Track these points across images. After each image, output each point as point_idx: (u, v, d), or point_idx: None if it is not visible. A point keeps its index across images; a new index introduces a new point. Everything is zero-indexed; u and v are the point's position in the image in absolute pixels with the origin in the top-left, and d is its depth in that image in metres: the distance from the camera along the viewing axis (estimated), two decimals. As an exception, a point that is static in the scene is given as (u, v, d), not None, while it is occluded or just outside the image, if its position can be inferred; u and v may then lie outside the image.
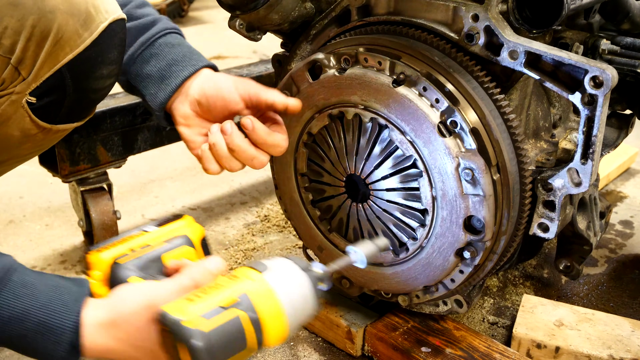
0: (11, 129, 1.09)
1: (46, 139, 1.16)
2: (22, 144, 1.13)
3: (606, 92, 1.00)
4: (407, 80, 1.10)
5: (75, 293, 0.91)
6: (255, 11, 1.22)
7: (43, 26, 1.01)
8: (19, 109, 1.07)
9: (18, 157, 1.20)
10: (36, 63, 1.03)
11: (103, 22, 1.07)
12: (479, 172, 1.07)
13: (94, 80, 1.12)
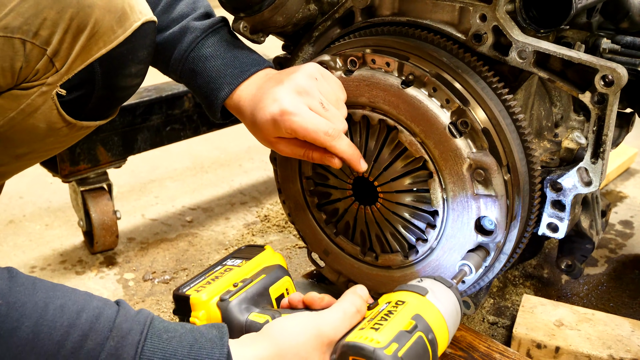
0: (38, 121, 1.10)
1: (69, 135, 1.17)
2: (46, 137, 1.14)
3: (617, 91, 1.00)
4: (416, 81, 1.10)
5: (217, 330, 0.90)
6: (259, 13, 1.22)
7: (81, 19, 1.02)
8: (48, 100, 1.08)
9: (39, 152, 1.20)
10: (70, 56, 1.05)
11: (137, 22, 1.08)
12: (491, 173, 1.07)
13: (123, 77, 1.13)
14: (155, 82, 2.01)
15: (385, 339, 0.85)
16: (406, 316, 0.90)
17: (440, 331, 0.92)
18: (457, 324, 0.97)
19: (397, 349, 0.84)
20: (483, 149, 1.07)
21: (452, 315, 0.95)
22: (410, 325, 0.89)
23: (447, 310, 0.95)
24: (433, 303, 0.94)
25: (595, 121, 1.04)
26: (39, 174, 2.24)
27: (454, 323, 0.96)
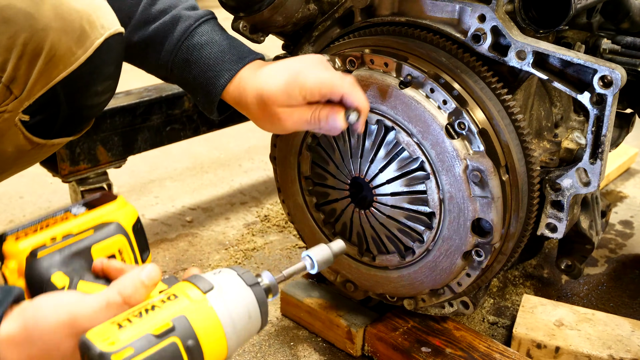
0: (5, 145, 1.06)
1: (41, 152, 1.13)
2: (17, 159, 1.11)
3: (615, 91, 1.00)
4: (414, 82, 1.10)
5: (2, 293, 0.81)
6: (259, 13, 1.22)
7: (35, 44, 0.97)
8: (12, 127, 1.04)
9: (11, 170, 1.17)
10: (28, 81, 1.00)
11: (98, 39, 1.03)
12: (488, 174, 1.07)
13: (89, 97, 1.09)
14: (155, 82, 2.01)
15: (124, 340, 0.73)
16: (167, 315, 0.76)
17: (210, 338, 0.77)
18: (254, 330, 0.83)
19: (132, 355, 0.72)
20: (480, 150, 1.07)
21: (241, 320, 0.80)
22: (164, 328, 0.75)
23: (231, 312, 0.79)
24: (211, 304, 0.78)
25: (594, 122, 1.04)
26: (39, 174, 2.24)
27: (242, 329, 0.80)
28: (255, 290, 0.82)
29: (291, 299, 1.50)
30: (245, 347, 1.44)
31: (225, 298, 0.79)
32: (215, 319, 0.77)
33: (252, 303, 0.81)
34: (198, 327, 0.76)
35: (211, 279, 0.81)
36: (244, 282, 0.82)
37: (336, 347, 1.44)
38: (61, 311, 0.78)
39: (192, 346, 0.75)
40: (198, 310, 0.77)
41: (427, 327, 1.36)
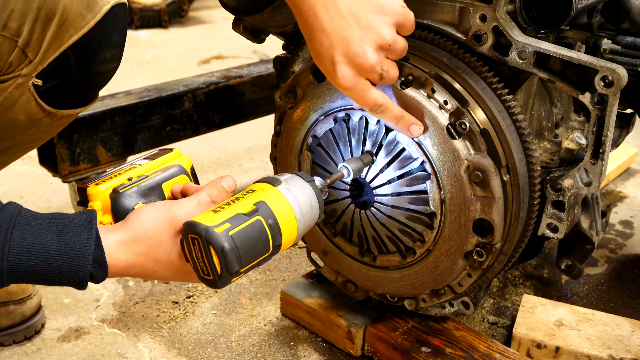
0: (17, 113, 1.10)
1: (50, 125, 1.17)
2: (27, 129, 1.15)
3: (616, 92, 1.00)
4: (415, 82, 1.09)
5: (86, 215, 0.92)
6: (259, 13, 1.22)
7: (48, 8, 1.03)
8: (25, 92, 1.08)
9: (22, 145, 1.20)
10: (42, 45, 1.06)
11: (106, 5, 1.08)
12: (489, 175, 1.07)
13: (98, 62, 1.13)
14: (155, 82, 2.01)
15: (220, 219, 0.89)
16: (249, 202, 0.93)
17: (285, 219, 0.94)
18: (315, 217, 1.00)
19: (229, 228, 0.88)
20: (481, 150, 1.07)
21: (305, 207, 0.97)
22: (250, 209, 0.91)
23: (298, 201, 0.96)
24: (282, 192, 0.96)
25: (595, 122, 1.04)
26: (39, 174, 2.24)
27: (307, 214, 0.98)
28: (312, 185, 1.00)
29: (291, 299, 1.49)
30: (245, 347, 1.45)
31: (292, 189, 0.97)
32: (287, 204, 0.95)
33: (312, 194, 0.99)
34: (275, 210, 0.93)
35: (279, 177, 0.99)
36: (303, 180, 0.99)
37: (336, 347, 1.44)
38: (161, 212, 0.92)
39: (272, 224, 0.92)
40: (273, 197, 0.94)
41: (427, 327, 1.36)
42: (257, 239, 0.91)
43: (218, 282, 0.90)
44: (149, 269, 0.94)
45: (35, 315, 1.47)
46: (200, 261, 0.90)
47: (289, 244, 0.97)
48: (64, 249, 0.87)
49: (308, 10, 0.98)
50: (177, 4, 4.50)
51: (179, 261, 0.93)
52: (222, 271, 0.88)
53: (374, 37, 0.99)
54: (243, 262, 0.90)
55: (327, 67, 1.02)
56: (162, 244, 0.92)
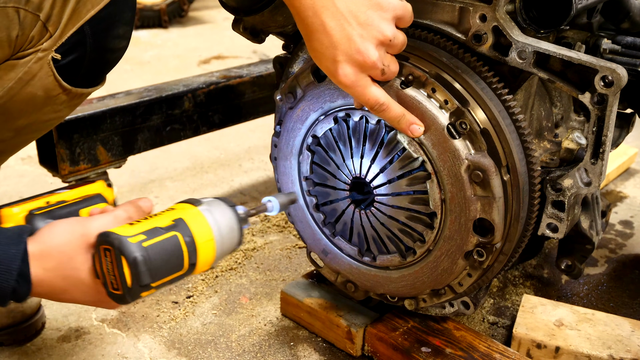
0: (35, 88, 1.13)
1: (64, 103, 1.20)
2: (44, 106, 1.18)
3: (616, 92, 1.00)
4: (416, 82, 1.10)
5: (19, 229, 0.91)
6: (259, 13, 1.22)
7: None
8: (45, 66, 1.12)
9: (37, 124, 1.23)
10: (62, 19, 1.09)
11: None
12: (489, 174, 1.07)
13: (112, 39, 1.17)
14: (155, 82, 2.01)
15: (135, 231, 0.88)
16: (168, 218, 0.92)
17: (203, 239, 0.92)
18: (234, 242, 0.99)
19: (144, 240, 0.87)
20: (481, 150, 1.07)
21: (225, 230, 0.96)
22: (168, 225, 0.91)
23: (218, 222, 0.95)
24: (202, 212, 0.95)
25: (595, 122, 1.04)
26: (39, 174, 2.24)
27: (227, 237, 0.96)
28: (233, 210, 0.99)
29: (291, 299, 1.50)
30: (245, 347, 1.45)
31: (212, 211, 0.96)
32: (206, 224, 0.94)
33: (233, 218, 0.98)
34: (193, 228, 0.92)
35: (201, 199, 0.99)
36: (225, 204, 0.99)
37: (336, 347, 1.44)
38: (74, 226, 0.91)
39: (189, 241, 0.91)
40: (193, 216, 0.94)
41: (427, 327, 1.36)
42: (172, 254, 0.89)
43: (127, 295, 0.88)
44: (58, 287, 0.91)
45: (36, 314, 1.47)
46: (111, 274, 0.88)
47: (205, 266, 0.95)
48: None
49: (307, 10, 0.98)
50: (177, 4, 4.50)
51: (89, 279, 0.91)
52: (133, 283, 0.87)
53: (374, 34, 0.99)
54: (155, 276, 0.88)
55: (328, 67, 1.02)
56: (72, 259, 0.90)
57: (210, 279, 1.69)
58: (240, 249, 1.82)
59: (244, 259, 1.79)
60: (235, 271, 1.73)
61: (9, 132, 1.21)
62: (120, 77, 3.35)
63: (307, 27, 1.00)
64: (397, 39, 1.02)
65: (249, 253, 1.81)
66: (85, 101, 1.73)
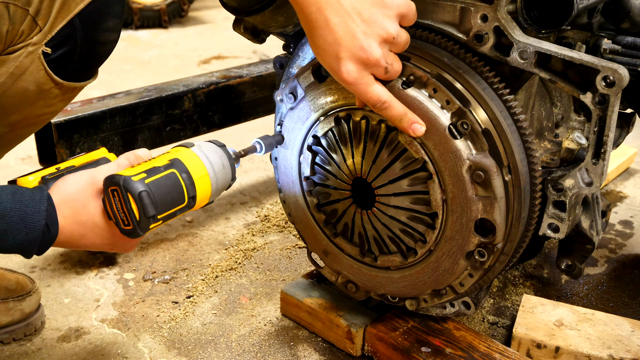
0: (27, 83, 1.15)
1: (57, 97, 1.21)
2: (37, 100, 1.19)
3: (618, 92, 1.00)
4: (417, 82, 1.09)
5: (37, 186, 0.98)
6: (260, 13, 1.22)
7: None
8: (35, 60, 1.13)
9: (31, 118, 1.24)
10: (51, 13, 1.10)
11: None
12: (491, 174, 1.07)
13: (102, 32, 1.18)
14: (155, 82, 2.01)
15: (136, 171, 0.98)
16: (164, 159, 1.03)
17: (198, 174, 1.03)
18: (228, 177, 1.10)
19: (145, 177, 0.97)
20: (483, 150, 1.07)
21: (217, 166, 1.07)
22: (165, 164, 1.01)
23: (210, 160, 1.06)
24: (195, 152, 1.05)
25: (596, 122, 1.04)
26: (39, 174, 2.23)
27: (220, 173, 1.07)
28: (224, 149, 1.10)
29: (291, 299, 1.49)
30: (245, 347, 1.45)
31: (204, 151, 1.07)
32: (199, 161, 1.05)
33: (223, 156, 1.09)
34: (189, 165, 1.03)
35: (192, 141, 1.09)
36: (215, 144, 1.10)
37: (336, 347, 1.44)
38: (83, 176, 0.99)
39: (186, 177, 1.01)
40: (187, 155, 1.04)
41: (427, 327, 1.36)
42: (172, 188, 0.99)
43: (137, 228, 0.97)
44: (76, 233, 0.99)
45: (35, 313, 1.47)
46: (121, 212, 0.97)
47: (204, 200, 1.06)
48: (19, 206, 0.93)
49: (311, 6, 0.98)
50: (177, 4, 4.50)
51: (102, 222, 0.99)
52: (140, 216, 0.96)
53: (377, 31, 0.99)
54: (159, 208, 0.97)
55: (330, 64, 1.02)
56: (85, 205, 0.98)
57: (210, 279, 1.69)
58: (240, 249, 1.82)
59: (244, 259, 1.79)
60: (235, 271, 1.73)
61: (3, 128, 1.22)
62: (120, 77, 3.35)
63: (310, 24, 1.00)
64: (400, 37, 1.02)
65: (249, 253, 1.81)
66: (85, 101, 1.74)
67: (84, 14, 1.13)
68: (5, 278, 1.45)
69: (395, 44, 1.03)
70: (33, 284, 1.48)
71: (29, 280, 1.48)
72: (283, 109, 1.30)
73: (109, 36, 1.21)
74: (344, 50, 0.99)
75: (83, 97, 1.76)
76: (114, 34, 1.22)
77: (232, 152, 1.13)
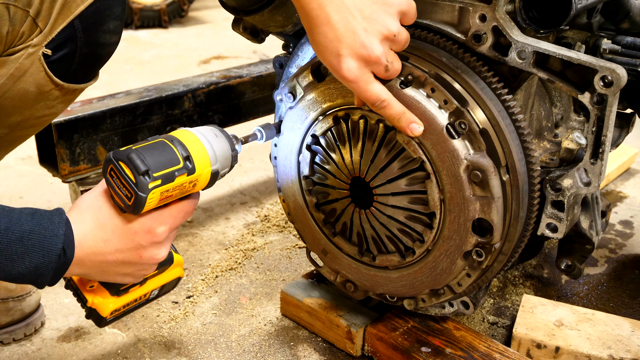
0: (27, 84, 1.14)
1: (58, 99, 1.21)
2: (37, 102, 1.19)
3: (616, 92, 1.00)
4: (415, 82, 1.09)
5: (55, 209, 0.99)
6: (259, 13, 1.22)
7: None
8: (35, 62, 1.13)
9: (31, 120, 1.23)
10: (52, 15, 1.10)
11: None
12: (488, 174, 1.07)
13: (102, 33, 1.18)
14: (155, 82, 2.01)
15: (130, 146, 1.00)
16: (161, 138, 1.04)
17: (188, 139, 1.04)
18: (224, 147, 1.08)
19: (132, 146, 0.99)
20: (480, 150, 1.07)
21: (209, 135, 1.07)
22: (160, 140, 1.03)
23: (199, 130, 1.07)
24: (188, 129, 1.07)
25: (595, 122, 1.04)
26: (39, 174, 2.24)
27: (212, 139, 1.07)
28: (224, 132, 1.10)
29: (291, 299, 1.50)
30: (245, 347, 1.45)
31: (203, 133, 1.07)
32: (187, 131, 1.06)
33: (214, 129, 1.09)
34: (176, 135, 1.04)
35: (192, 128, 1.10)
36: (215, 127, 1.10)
37: (336, 347, 1.44)
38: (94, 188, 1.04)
39: (176, 143, 1.02)
40: (180, 132, 1.06)
41: (427, 327, 1.36)
42: (162, 150, 1.00)
43: (137, 191, 0.97)
44: (99, 237, 1.00)
45: (35, 313, 1.47)
46: (121, 187, 0.98)
47: (205, 166, 1.05)
48: (38, 229, 0.93)
49: (312, 3, 0.98)
50: (177, 4, 4.50)
51: (121, 221, 1.01)
52: (135, 177, 0.96)
53: (378, 28, 0.99)
54: (152, 166, 0.97)
55: (331, 61, 1.02)
56: (101, 208, 1.01)
57: (210, 279, 1.69)
58: (240, 249, 1.83)
59: (244, 259, 1.79)
60: (235, 271, 1.73)
61: (4, 129, 1.22)
62: (120, 77, 3.35)
63: (311, 20, 1.00)
64: (401, 35, 1.02)
65: (249, 253, 1.81)
66: (85, 101, 1.74)
67: (85, 15, 1.13)
68: (5, 278, 1.45)
69: (395, 42, 1.03)
70: (33, 284, 1.48)
71: (29, 280, 1.49)
72: (282, 109, 1.30)
73: (110, 38, 1.20)
74: (345, 47, 0.99)
75: (83, 97, 1.76)
76: (115, 35, 1.22)
77: (232, 135, 1.12)
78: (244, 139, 1.17)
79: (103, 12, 1.15)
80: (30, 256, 0.93)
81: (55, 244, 0.94)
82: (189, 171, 1.02)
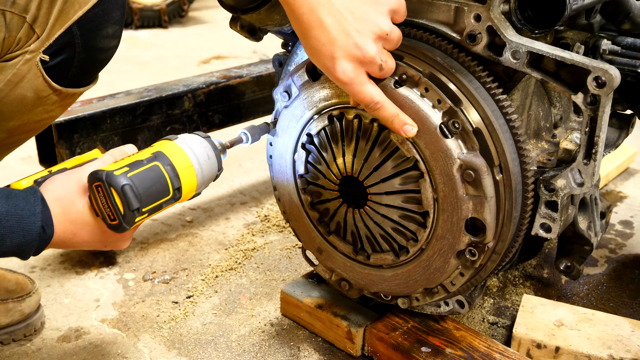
0: (25, 90, 1.14)
1: (56, 103, 1.20)
2: (35, 107, 1.18)
3: (609, 92, 1.00)
4: (409, 81, 1.10)
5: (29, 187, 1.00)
6: (256, 11, 1.22)
7: None
8: (33, 67, 1.12)
9: (29, 125, 1.23)
10: (49, 21, 1.09)
11: None
12: (481, 174, 1.07)
13: (101, 38, 1.17)
14: (155, 82, 2.01)
15: (119, 165, 0.99)
16: (147, 152, 1.03)
17: (183, 165, 1.04)
18: (214, 169, 1.10)
19: (127, 171, 0.97)
20: (474, 150, 1.07)
21: (202, 157, 1.07)
22: (148, 157, 1.01)
23: (194, 151, 1.06)
24: (178, 144, 1.06)
25: (588, 122, 1.04)
26: (39, 174, 2.23)
27: (205, 164, 1.07)
28: (208, 140, 1.10)
29: (291, 299, 1.50)
30: (245, 347, 1.45)
31: (188, 143, 1.07)
32: (183, 153, 1.05)
33: (208, 147, 1.09)
34: (172, 157, 1.03)
35: (176, 135, 1.09)
36: (199, 136, 1.10)
37: (336, 347, 1.44)
38: (69, 175, 1.01)
39: (169, 169, 1.01)
40: (170, 148, 1.05)
41: (427, 327, 1.36)
42: (156, 180, 0.99)
43: (123, 222, 0.98)
44: (69, 231, 1.00)
45: (35, 314, 1.47)
46: (106, 207, 0.98)
47: (191, 192, 1.06)
48: (15, 210, 0.94)
49: (302, 7, 0.98)
50: (177, 4, 4.50)
51: (91, 219, 1.01)
52: (125, 210, 0.97)
53: (371, 28, 0.99)
54: (144, 201, 0.98)
55: (325, 64, 1.02)
56: (74, 203, 0.99)
57: (210, 279, 1.69)
58: (240, 249, 1.83)
59: (244, 259, 1.79)
60: (235, 271, 1.73)
61: (2, 133, 1.22)
62: (120, 77, 3.35)
63: (302, 25, 1.00)
64: (393, 33, 1.03)
65: (249, 253, 1.81)
66: (85, 101, 1.74)
67: (83, 21, 1.12)
68: (5, 279, 1.45)
69: (388, 41, 1.03)
70: (33, 285, 1.48)
71: (28, 281, 1.49)
72: (278, 107, 1.30)
73: (108, 43, 1.20)
74: (339, 49, 0.99)
75: (83, 97, 1.76)
76: (114, 40, 1.21)
77: (218, 143, 1.13)
78: (229, 144, 1.18)
79: (102, 17, 1.15)
80: (10, 237, 0.94)
81: (34, 222, 0.95)
82: (175, 200, 1.04)
